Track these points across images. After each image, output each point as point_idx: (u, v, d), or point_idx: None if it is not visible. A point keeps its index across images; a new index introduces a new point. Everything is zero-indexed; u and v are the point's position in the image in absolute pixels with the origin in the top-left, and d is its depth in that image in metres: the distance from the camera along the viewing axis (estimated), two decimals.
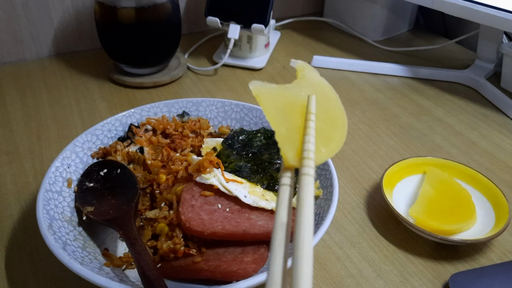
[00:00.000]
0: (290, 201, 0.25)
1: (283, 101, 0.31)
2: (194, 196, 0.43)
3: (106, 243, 0.43)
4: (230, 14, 0.75)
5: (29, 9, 0.76)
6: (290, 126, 0.29)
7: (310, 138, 0.28)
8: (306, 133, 0.28)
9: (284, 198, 0.25)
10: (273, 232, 0.23)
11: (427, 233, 0.45)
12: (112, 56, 0.74)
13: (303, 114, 0.30)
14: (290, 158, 0.27)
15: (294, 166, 0.27)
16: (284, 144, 0.28)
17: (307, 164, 0.26)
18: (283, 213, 0.24)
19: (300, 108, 0.31)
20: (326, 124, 0.30)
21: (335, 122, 0.31)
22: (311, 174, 0.25)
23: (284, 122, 0.29)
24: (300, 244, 0.21)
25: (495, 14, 0.65)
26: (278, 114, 0.30)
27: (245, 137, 0.50)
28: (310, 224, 0.22)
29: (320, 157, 0.28)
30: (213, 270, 0.38)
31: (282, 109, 0.30)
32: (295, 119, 0.30)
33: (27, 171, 0.55)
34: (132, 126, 0.53)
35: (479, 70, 0.78)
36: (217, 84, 0.75)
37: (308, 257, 0.20)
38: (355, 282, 0.43)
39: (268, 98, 0.31)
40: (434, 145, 0.62)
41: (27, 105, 0.68)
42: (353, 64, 0.81)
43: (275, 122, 0.29)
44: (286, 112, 0.30)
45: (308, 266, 0.20)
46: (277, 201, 0.25)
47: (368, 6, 0.91)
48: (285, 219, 0.23)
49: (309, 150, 0.27)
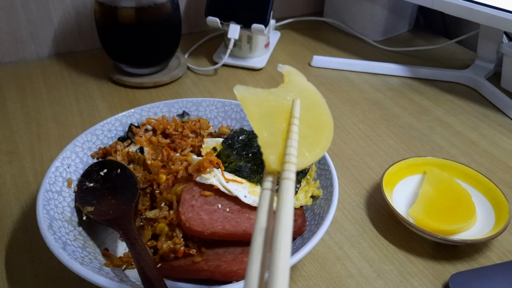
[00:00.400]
0: (271, 206, 0.25)
1: (267, 106, 0.31)
2: (194, 196, 0.43)
3: (106, 243, 0.44)
4: (230, 14, 0.75)
5: (29, 9, 0.76)
6: (273, 131, 0.29)
7: (292, 142, 0.28)
8: (289, 137, 0.28)
9: (265, 203, 0.25)
10: (252, 238, 0.23)
11: (427, 233, 0.45)
12: (112, 56, 0.74)
13: (287, 119, 0.30)
14: (272, 163, 0.27)
15: (276, 171, 0.27)
16: (266, 149, 0.28)
17: (288, 168, 0.26)
18: (263, 218, 0.24)
19: (285, 113, 0.31)
20: (311, 129, 0.30)
21: (321, 126, 0.31)
22: (292, 178, 0.25)
23: (267, 126, 0.29)
24: (278, 248, 0.21)
25: (495, 14, 0.65)
26: (262, 119, 0.30)
27: (245, 137, 0.50)
28: (289, 228, 0.22)
29: (304, 161, 0.28)
30: (213, 270, 0.38)
31: (266, 113, 0.31)
32: (279, 123, 0.30)
33: (27, 171, 0.55)
34: (132, 126, 0.53)
35: (479, 70, 0.78)
36: (217, 84, 0.75)
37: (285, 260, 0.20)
38: (355, 282, 0.43)
39: (252, 103, 0.31)
40: (434, 145, 0.62)
41: (27, 105, 0.68)
42: (353, 64, 0.81)
43: (258, 126, 0.29)
44: (270, 117, 0.30)
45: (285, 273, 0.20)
46: (258, 205, 0.25)
47: (368, 6, 0.91)
48: (265, 224, 0.23)
49: (290, 154, 0.27)
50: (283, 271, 0.20)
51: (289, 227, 0.22)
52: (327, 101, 0.34)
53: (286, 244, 0.21)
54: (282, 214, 0.23)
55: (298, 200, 0.46)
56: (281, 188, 0.25)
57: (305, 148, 0.29)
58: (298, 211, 0.45)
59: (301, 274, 0.44)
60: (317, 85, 0.34)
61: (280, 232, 0.22)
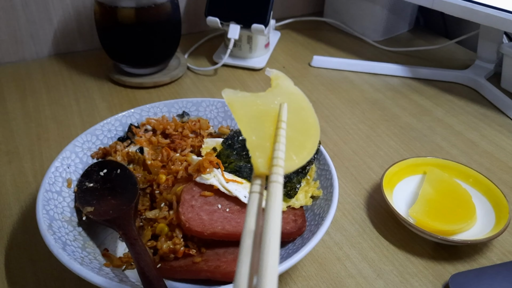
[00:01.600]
0: (259, 209, 0.25)
1: (255, 110, 0.32)
2: (194, 197, 0.43)
3: (106, 243, 0.43)
4: (230, 14, 0.75)
5: (29, 9, 0.76)
6: (262, 134, 0.30)
7: (280, 146, 0.28)
8: (276, 141, 0.29)
9: (253, 206, 0.25)
10: (241, 240, 0.23)
11: (427, 234, 0.45)
12: (112, 56, 0.74)
13: (275, 123, 0.31)
14: (260, 166, 0.27)
15: (265, 174, 0.27)
16: (254, 152, 0.28)
17: (276, 172, 0.26)
18: (251, 220, 0.24)
19: (273, 117, 0.31)
20: (298, 133, 0.31)
21: (307, 130, 0.32)
22: (280, 181, 0.26)
23: (255, 130, 0.30)
24: (265, 255, 0.21)
25: (495, 14, 0.65)
26: (250, 122, 0.30)
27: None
28: (277, 232, 0.22)
29: (291, 165, 0.29)
30: (213, 271, 0.38)
31: (254, 117, 0.31)
32: (267, 127, 0.30)
33: (27, 171, 0.55)
34: (132, 126, 0.53)
35: (479, 70, 0.78)
36: (217, 84, 0.75)
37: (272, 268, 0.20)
38: (355, 283, 0.43)
39: (240, 106, 0.31)
40: (434, 145, 0.62)
41: (27, 105, 0.68)
42: (353, 64, 0.81)
43: (247, 130, 0.30)
44: (258, 120, 0.31)
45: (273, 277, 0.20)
46: (247, 208, 0.25)
47: (368, 6, 0.91)
48: (253, 227, 0.24)
49: (278, 158, 0.27)
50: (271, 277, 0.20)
51: (277, 231, 0.22)
52: (327, 101, 0.34)
53: (274, 247, 0.21)
54: (270, 217, 0.23)
55: (298, 200, 0.46)
56: (269, 191, 0.25)
57: (292, 151, 0.29)
58: (298, 211, 0.45)
59: (301, 274, 0.44)
60: (317, 85, 0.34)
61: (268, 235, 0.22)
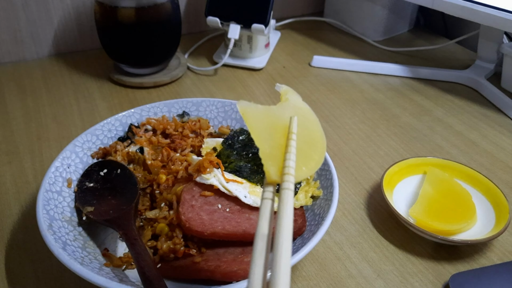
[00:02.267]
0: (271, 214, 0.27)
1: (267, 121, 0.34)
2: (194, 196, 0.43)
3: (106, 243, 0.43)
4: (230, 14, 0.75)
5: (29, 9, 0.76)
6: (273, 144, 0.32)
7: (291, 156, 0.30)
8: (288, 151, 0.31)
9: (266, 211, 0.27)
10: (254, 243, 0.24)
11: (427, 233, 0.45)
12: (112, 56, 0.74)
13: (285, 134, 0.33)
14: (272, 174, 0.29)
15: (276, 182, 0.29)
16: (267, 161, 0.30)
17: (287, 179, 0.28)
18: (264, 225, 0.26)
19: (283, 128, 0.33)
20: (306, 145, 0.33)
21: (314, 143, 0.34)
22: (291, 188, 0.28)
23: (268, 140, 0.32)
24: (278, 255, 0.22)
25: (495, 14, 0.65)
26: (263, 133, 0.32)
27: (245, 137, 0.50)
28: (289, 234, 0.24)
29: (301, 174, 0.31)
30: (213, 270, 0.38)
31: (266, 128, 0.33)
32: (278, 138, 0.32)
33: (27, 171, 0.55)
34: (132, 126, 0.53)
35: (479, 70, 0.78)
36: (217, 84, 0.75)
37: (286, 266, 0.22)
38: (355, 283, 0.43)
39: (253, 117, 0.33)
40: (434, 145, 0.62)
41: (27, 105, 0.68)
42: (353, 64, 0.81)
43: (260, 140, 0.31)
44: (270, 131, 0.33)
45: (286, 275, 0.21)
46: (259, 213, 0.27)
47: (368, 6, 0.90)
48: (266, 231, 0.25)
49: (289, 167, 0.29)
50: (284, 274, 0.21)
51: (289, 234, 0.24)
52: (327, 101, 0.34)
53: (286, 248, 0.23)
54: (282, 221, 0.25)
55: (298, 200, 0.46)
56: (281, 198, 0.27)
57: (301, 162, 0.31)
58: (298, 211, 0.45)
59: (301, 274, 0.44)
60: (317, 85, 0.35)
61: (281, 237, 0.24)
